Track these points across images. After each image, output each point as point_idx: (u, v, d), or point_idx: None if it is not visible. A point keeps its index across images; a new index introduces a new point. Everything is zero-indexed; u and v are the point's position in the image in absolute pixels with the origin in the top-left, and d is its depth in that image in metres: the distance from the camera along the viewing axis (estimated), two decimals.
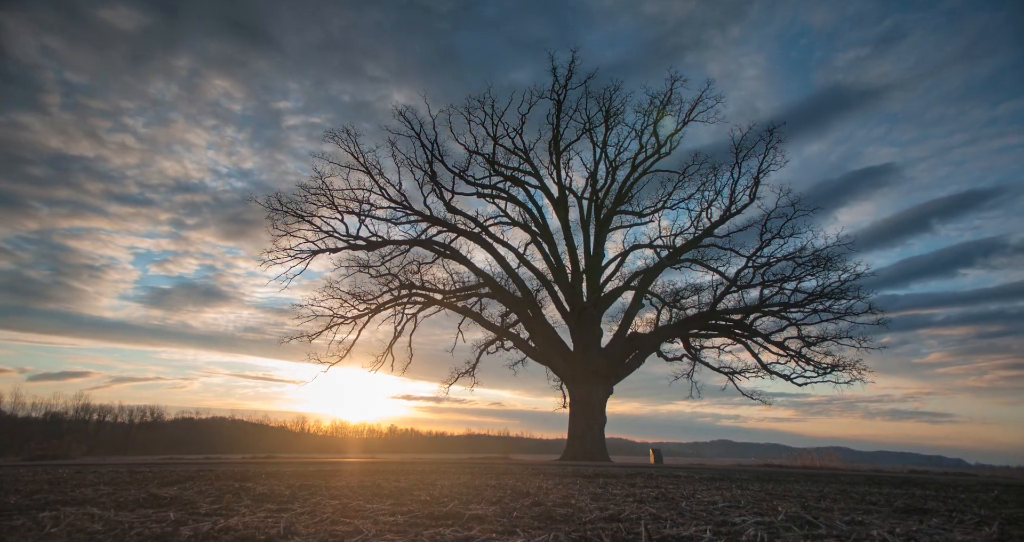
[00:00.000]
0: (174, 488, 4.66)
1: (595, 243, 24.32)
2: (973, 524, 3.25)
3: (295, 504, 3.61)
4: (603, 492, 5.07)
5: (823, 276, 21.21)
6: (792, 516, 3.24)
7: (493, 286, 23.16)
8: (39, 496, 4.05)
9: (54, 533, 2.49)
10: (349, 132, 22.08)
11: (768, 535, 2.62)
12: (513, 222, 24.26)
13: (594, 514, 3.33)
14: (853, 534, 2.70)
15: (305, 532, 2.54)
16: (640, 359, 23.23)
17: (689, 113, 23.60)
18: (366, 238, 22.51)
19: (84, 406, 69.51)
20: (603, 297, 23.66)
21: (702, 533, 2.65)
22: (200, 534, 2.46)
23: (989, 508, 4.40)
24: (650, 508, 3.70)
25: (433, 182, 22.91)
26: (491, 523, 2.92)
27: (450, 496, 4.31)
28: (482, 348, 25.07)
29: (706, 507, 3.84)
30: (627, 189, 24.62)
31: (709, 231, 23.29)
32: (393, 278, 23.29)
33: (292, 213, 21.64)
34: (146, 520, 2.80)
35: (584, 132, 24.43)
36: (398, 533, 2.57)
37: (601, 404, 22.10)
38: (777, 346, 22.27)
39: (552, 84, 23.58)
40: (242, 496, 4.11)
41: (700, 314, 22.89)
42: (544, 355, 23.04)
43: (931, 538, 2.67)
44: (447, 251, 23.17)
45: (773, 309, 22.18)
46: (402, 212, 22.85)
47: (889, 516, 3.63)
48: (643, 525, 2.78)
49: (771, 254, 22.24)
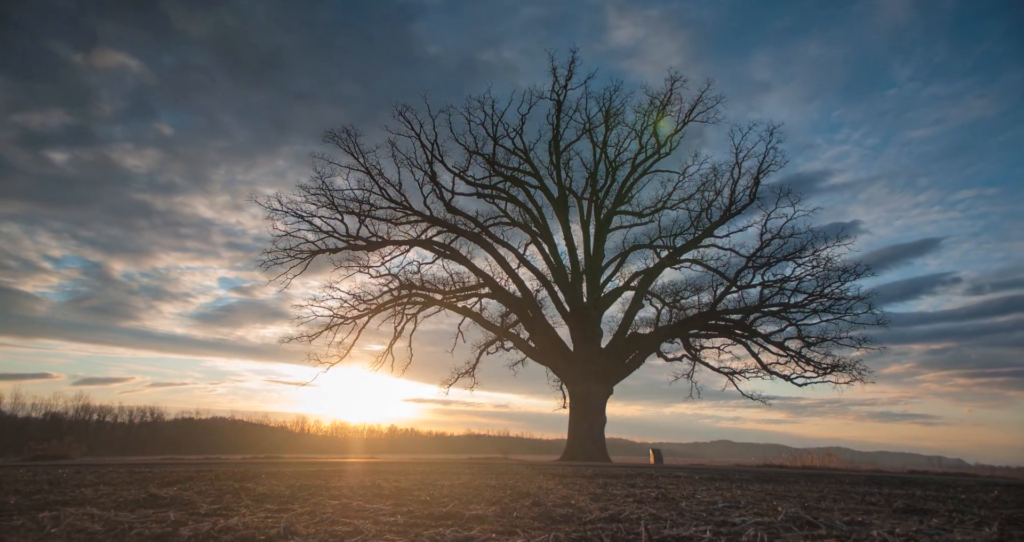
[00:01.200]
0: (174, 488, 4.66)
1: (595, 243, 24.32)
2: (973, 524, 3.25)
3: (295, 504, 3.61)
4: (603, 492, 5.07)
5: (823, 276, 21.23)
6: (792, 516, 3.24)
7: (493, 286, 23.16)
8: (39, 496, 4.04)
9: (54, 533, 2.49)
10: (349, 132, 22.11)
11: (768, 535, 2.62)
12: (513, 222, 24.25)
13: (594, 514, 3.33)
14: (853, 534, 2.69)
15: (305, 532, 2.54)
16: (640, 359, 23.23)
17: (689, 113, 23.63)
18: (366, 238, 22.50)
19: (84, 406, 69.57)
20: (603, 297, 23.66)
21: (702, 533, 2.65)
22: (200, 534, 2.46)
23: (989, 508, 4.40)
24: (650, 508, 3.70)
25: (433, 182, 22.91)
26: (491, 523, 2.92)
27: (450, 496, 4.31)
28: (482, 348, 25.07)
29: (706, 507, 3.84)
30: (627, 189, 24.62)
31: (709, 231, 23.28)
32: (393, 278, 23.29)
33: (292, 213, 21.65)
34: (146, 520, 2.80)
35: (584, 132, 24.44)
36: (398, 533, 2.57)
37: (601, 404, 22.09)
38: (777, 346, 22.27)
39: (552, 84, 23.60)
40: (242, 496, 4.10)
41: (700, 314, 22.88)
42: (544, 355, 23.04)
43: (931, 538, 2.67)
44: (447, 251, 23.16)
45: (773, 309, 22.18)
46: (402, 212, 22.84)
47: (889, 516, 3.62)
48: (643, 525, 2.78)
49: (771, 254, 22.25)
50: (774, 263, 22.19)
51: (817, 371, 21.57)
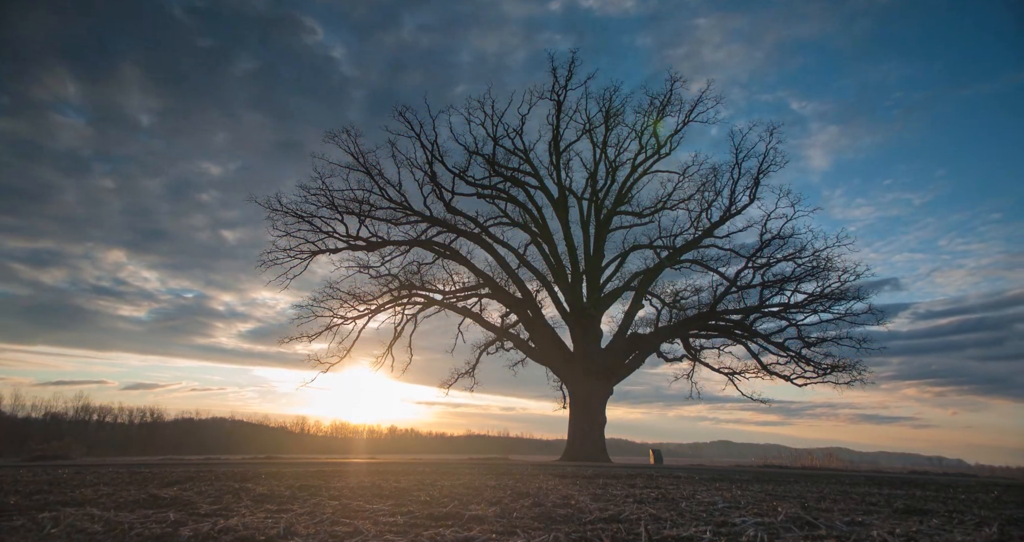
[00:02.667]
0: (174, 489, 4.66)
1: (595, 243, 24.32)
2: (973, 525, 3.25)
3: (295, 505, 3.60)
4: (603, 493, 5.07)
5: (823, 277, 21.24)
6: (792, 517, 3.24)
7: (493, 286, 23.16)
8: (39, 497, 4.04)
9: (54, 534, 2.49)
10: (349, 132, 22.11)
11: (768, 536, 2.62)
12: (513, 222, 24.26)
13: (594, 515, 3.33)
14: (853, 535, 2.69)
15: (305, 533, 2.54)
16: (640, 360, 23.22)
17: (689, 114, 23.64)
18: (366, 238, 22.50)
19: (84, 407, 69.51)
20: (603, 297, 23.65)
21: (702, 534, 2.65)
22: (200, 535, 2.46)
23: (989, 509, 4.40)
24: (650, 509, 3.70)
25: (433, 182, 22.91)
26: (491, 524, 2.92)
27: (450, 497, 4.31)
28: (482, 349, 25.07)
29: (706, 508, 3.84)
30: (627, 189, 24.63)
31: (709, 232, 23.28)
32: (393, 278, 23.28)
33: (292, 213, 21.64)
34: (146, 521, 2.80)
35: (584, 132, 24.45)
36: (398, 534, 2.57)
37: (601, 404, 22.09)
38: (777, 347, 22.27)
39: (552, 85, 23.62)
40: (242, 497, 4.10)
41: (700, 315, 22.88)
42: (544, 355, 23.04)
43: (931, 539, 2.67)
44: (447, 251, 23.15)
45: (773, 310, 22.18)
46: (402, 212, 22.83)
47: (889, 517, 3.62)
48: (643, 526, 2.78)
49: (771, 255, 22.26)
50: (774, 263, 22.21)
51: (817, 371, 21.57)
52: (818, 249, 21.34)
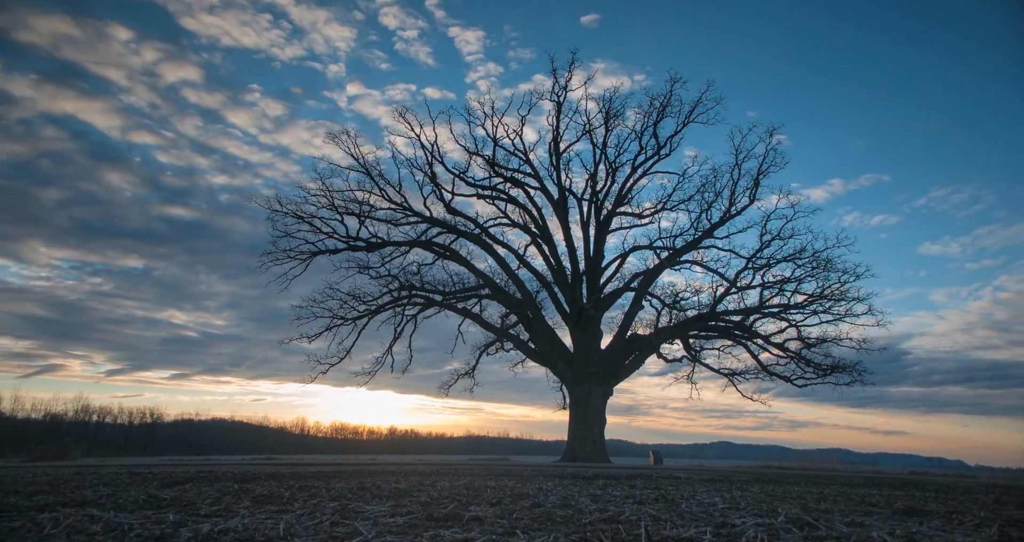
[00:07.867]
0: (174, 489, 4.66)
1: (595, 244, 24.32)
2: (973, 526, 3.25)
3: (295, 505, 3.60)
4: (603, 493, 5.07)
5: (823, 278, 21.26)
6: (792, 518, 3.24)
7: (493, 287, 23.15)
8: (39, 497, 4.04)
9: (54, 534, 2.49)
10: (349, 133, 22.14)
11: (768, 537, 2.62)
12: (513, 223, 24.26)
13: (594, 515, 3.33)
14: (853, 536, 2.69)
15: (305, 534, 2.54)
16: (640, 360, 23.22)
17: (689, 115, 23.63)
18: (366, 239, 22.49)
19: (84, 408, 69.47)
20: (603, 298, 23.64)
21: (702, 534, 2.65)
22: (200, 535, 2.46)
23: (989, 510, 4.40)
24: (650, 509, 3.70)
25: (433, 183, 22.92)
26: (491, 524, 2.92)
27: (450, 497, 4.31)
28: (482, 349, 25.05)
29: (706, 508, 3.84)
30: (627, 190, 24.62)
31: (709, 232, 23.28)
32: (393, 279, 23.27)
33: (292, 214, 21.63)
34: (146, 521, 2.80)
35: (584, 133, 24.45)
36: (398, 535, 2.57)
37: (601, 406, 22.07)
38: (777, 347, 22.28)
39: (552, 86, 23.62)
40: (242, 498, 4.10)
41: (700, 315, 22.88)
42: (544, 356, 23.02)
43: (931, 540, 2.67)
44: (447, 252, 23.15)
45: (773, 311, 22.19)
46: (402, 213, 22.84)
47: (889, 518, 3.62)
48: (643, 526, 2.78)
49: (771, 255, 22.27)
50: (774, 264, 22.22)
51: (817, 372, 21.57)
52: (818, 250, 21.37)
